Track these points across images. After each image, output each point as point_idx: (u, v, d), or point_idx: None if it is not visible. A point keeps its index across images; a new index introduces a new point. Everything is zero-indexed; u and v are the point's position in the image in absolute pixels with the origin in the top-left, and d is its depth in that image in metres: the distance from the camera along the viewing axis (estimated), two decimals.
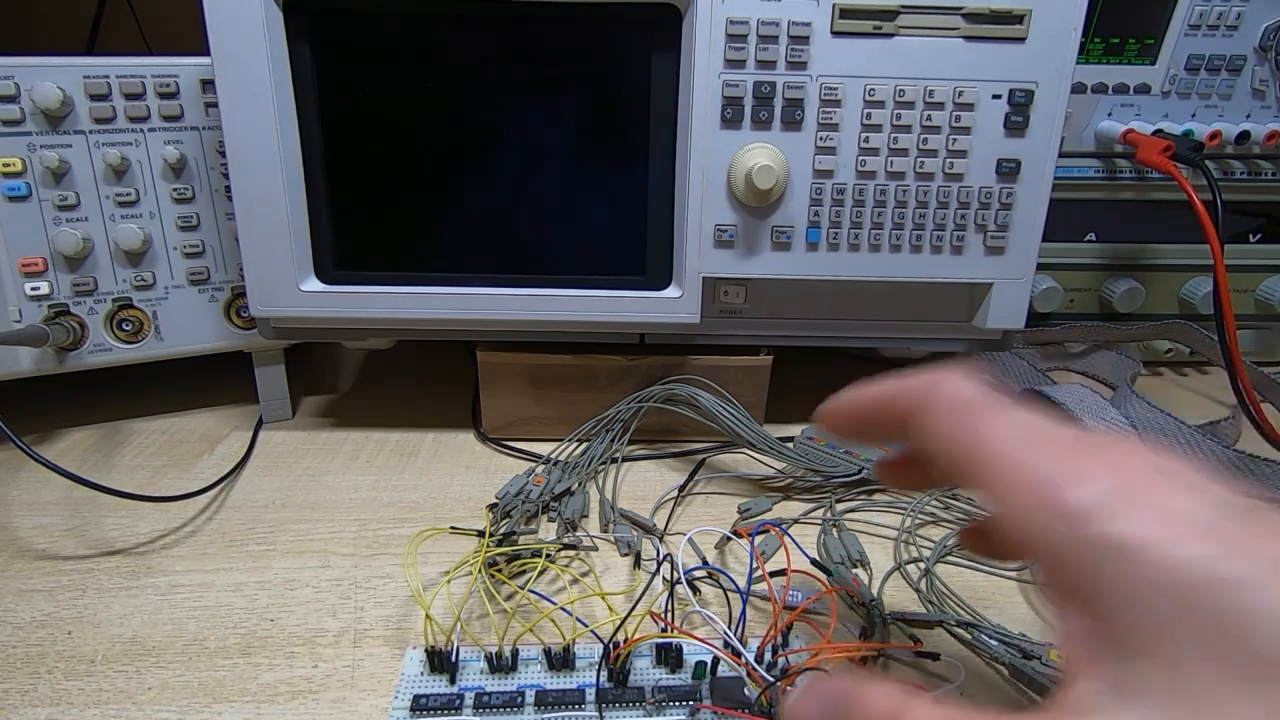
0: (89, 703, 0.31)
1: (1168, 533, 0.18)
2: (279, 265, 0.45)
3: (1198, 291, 0.60)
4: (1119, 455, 0.20)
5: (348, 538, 0.42)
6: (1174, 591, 0.17)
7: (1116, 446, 0.20)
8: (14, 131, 0.44)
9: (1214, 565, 0.17)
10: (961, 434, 0.22)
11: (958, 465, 0.22)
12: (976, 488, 0.22)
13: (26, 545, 0.41)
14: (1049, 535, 0.19)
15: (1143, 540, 0.18)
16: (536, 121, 0.44)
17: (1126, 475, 0.19)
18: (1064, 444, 0.20)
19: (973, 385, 0.23)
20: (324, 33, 0.42)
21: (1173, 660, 0.17)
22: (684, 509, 0.45)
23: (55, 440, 0.52)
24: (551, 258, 0.47)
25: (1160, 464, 0.20)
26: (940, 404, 0.23)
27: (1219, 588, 0.17)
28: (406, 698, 0.31)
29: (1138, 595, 0.18)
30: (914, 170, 0.43)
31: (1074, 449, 0.20)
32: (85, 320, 0.47)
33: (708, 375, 0.48)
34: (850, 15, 0.41)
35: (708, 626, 0.35)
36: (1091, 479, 0.19)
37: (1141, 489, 0.19)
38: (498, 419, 0.51)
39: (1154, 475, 0.19)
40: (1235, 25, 0.54)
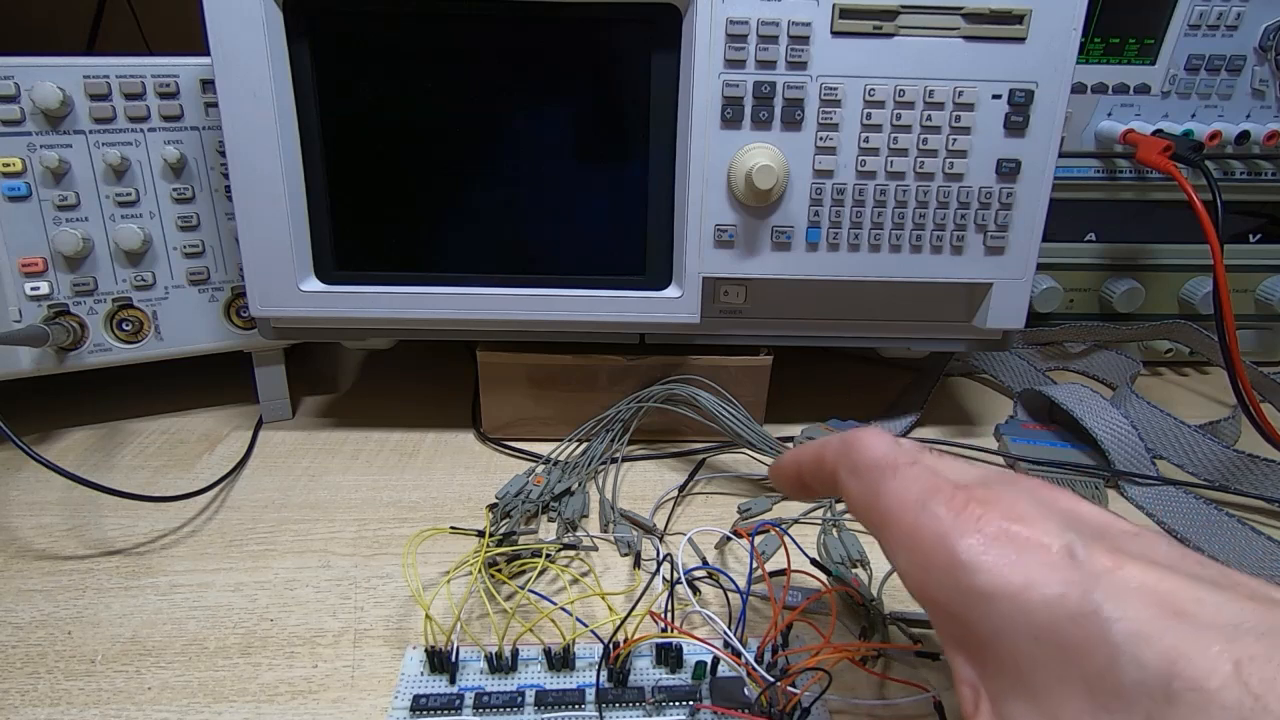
0: (89, 703, 0.31)
1: (1034, 576, 0.19)
2: (279, 265, 0.45)
3: (1198, 291, 0.60)
4: (1000, 499, 0.21)
5: (348, 538, 0.42)
6: (1041, 632, 0.18)
7: (1002, 489, 0.22)
8: (14, 131, 0.44)
9: (1072, 601, 0.18)
10: (867, 496, 0.24)
11: (867, 526, 0.24)
12: (881, 547, 0.23)
13: (26, 545, 0.41)
14: (934, 590, 0.21)
15: (1009, 586, 0.19)
16: (536, 121, 0.44)
17: (1000, 520, 0.20)
18: (949, 501, 0.21)
19: (880, 444, 0.25)
20: (324, 33, 0.42)
21: (1044, 695, 0.18)
22: (684, 509, 0.45)
23: (55, 440, 0.52)
24: (551, 258, 0.47)
25: (1041, 498, 0.22)
26: (849, 467, 0.25)
27: (1081, 621, 0.18)
28: (406, 698, 0.31)
29: (1011, 639, 0.19)
30: (914, 170, 0.43)
31: (957, 504, 0.21)
32: (85, 320, 0.47)
33: (708, 375, 0.48)
34: (850, 15, 0.41)
35: (708, 626, 0.35)
36: (965, 534, 0.20)
37: (1011, 533, 0.20)
38: (498, 419, 0.51)
39: (1030, 516, 0.20)
40: (1235, 25, 0.54)
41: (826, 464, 0.26)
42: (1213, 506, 0.43)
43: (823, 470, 0.27)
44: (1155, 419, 0.50)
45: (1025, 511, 0.20)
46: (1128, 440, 0.47)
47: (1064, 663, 0.18)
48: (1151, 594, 0.18)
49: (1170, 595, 0.18)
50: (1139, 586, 0.18)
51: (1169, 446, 0.48)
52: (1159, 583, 0.18)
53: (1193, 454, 0.47)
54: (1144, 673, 0.17)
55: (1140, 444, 0.47)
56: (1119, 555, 0.19)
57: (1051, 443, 0.50)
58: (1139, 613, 0.17)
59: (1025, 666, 0.19)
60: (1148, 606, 0.17)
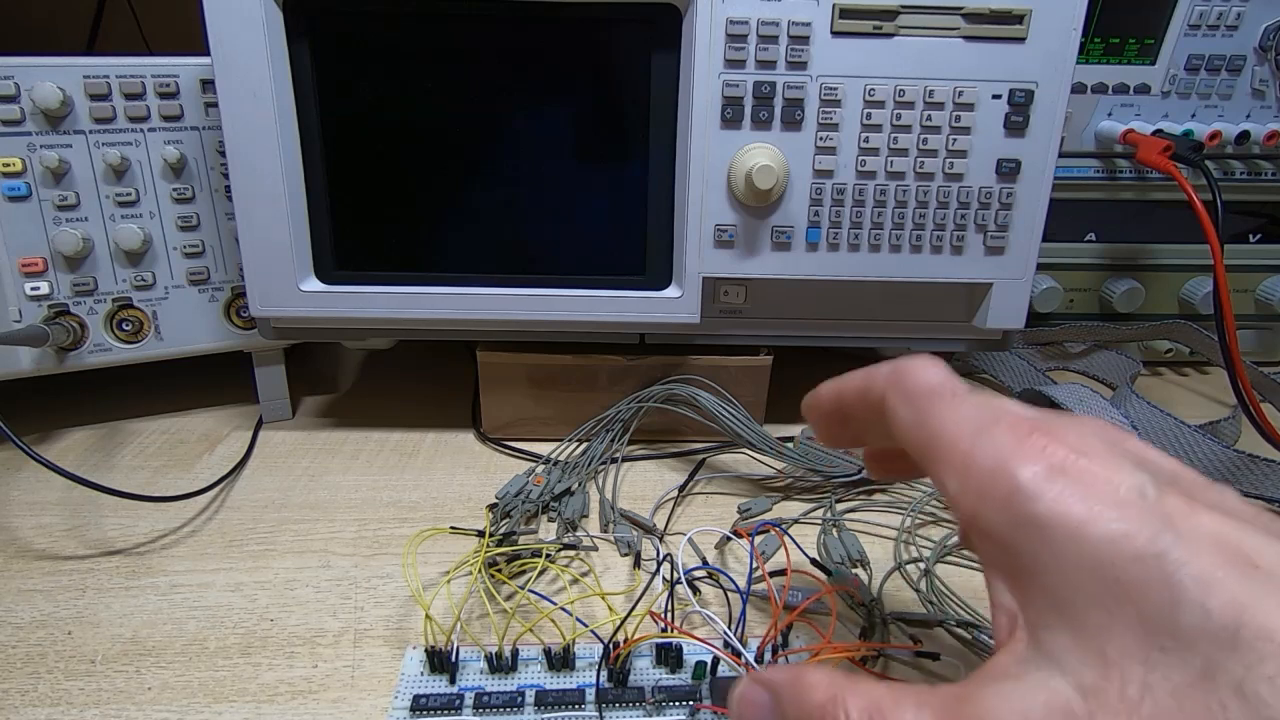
0: (89, 703, 0.31)
1: (1096, 510, 0.18)
2: (279, 265, 0.45)
3: (1198, 291, 0.60)
4: (1067, 433, 0.20)
5: (348, 538, 0.42)
6: (1099, 568, 0.18)
7: (1068, 424, 0.21)
8: (14, 131, 0.44)
9: (1139, 540, 0.17)
10: (918, 421, 0.23)
11: (916, 452, 0.23)
12: (930, 474, 0.22)
13: (26, 545, 0.41)
14: (986, 516, 0.20)
15: (1067, 518, 0.18)
16: (536, 121, 0.44)
17: (1068, 453, 0.19)
18: (1013, 428, 0.21)
19: (935, 372, 0.23)
20: (324, 33, 0.42)
21: (1092, 628, 0.18)
22: (684, 509, 0.45)
23: (55, 440, 0.52)
24: (551, 258, 0.47)
25: (1110, 438, 0.21)
26: (902, 392, 0.24)
27: (1146, 561, 0.17)
28: (406, 698, 0.31)
29: (1065, 572, 0.18)
30: (914, 170, 0.43)
31: (1021, 432, 0.20)
32: (85, 320, 0.47)
33: (708, 375, 0.48)
34: (850, 15, 0.41)
35: (708, 626, 0.35)
36: (1029, 461, 0.19)
37: (1079, 466, 0.19)
38: (498, 419, 0.51)
39: (1097, 452, 0.19)
40: (1235, 25, 0.54)
41: (874, 390, 0.25)
42: None
43: (869, 396, 0.25)
44: (1155, 419, 0.50)
45: (1094, 446, 0.20)
46: None
47: (1119, 599, 0.17)
48: (1223, 543, 0.17)
49: (1244, 547, 0.17)
50: (1210, 534, 0.17)
51: (1169, 446, 0.48)
52: (1233, 534, 0.17)
53: (1193, 454, 0.47)
54: (1208, 619, 0.16)
55: None
56: (1192, 502, 0.18)
57: None
58: (1209, 560, 0.17)
59: (1075, 599, 0.18)
60: (1218, 555, 0.17)
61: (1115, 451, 0.20)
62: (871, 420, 0.26)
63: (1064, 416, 0.21)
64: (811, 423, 0.30)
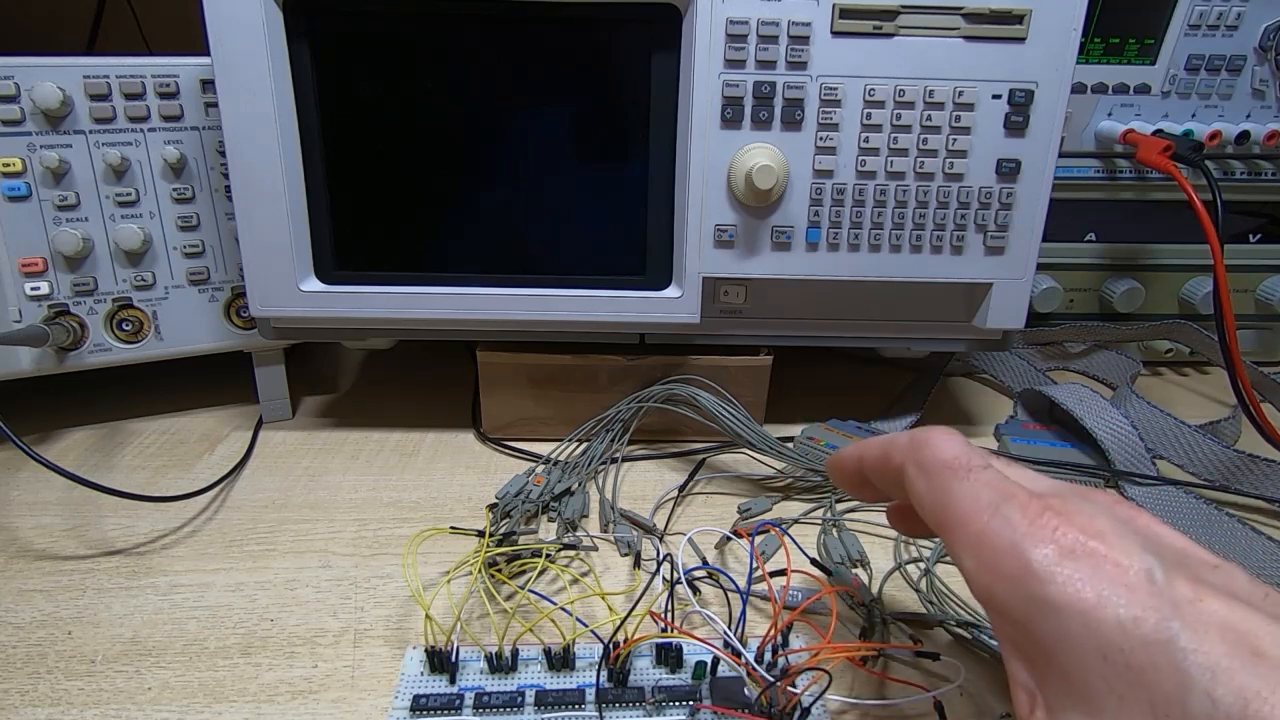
0: (89, 703, 0.31)
1: (1106, 594, 0.19)
2: (279, 265, 0.45)
3: (1198, 291, 0.60)
4: (1077, 514, 0.21)
5: (348, 538, 0.42)
6: (1110, 651, 0.18)
7: (1078, 504, 0.21)
8: (14, 131, 0.44)
9: (1147, 626, 0.18)
10: (935, 496, 0.24)
11: (932, 524, 0.24)
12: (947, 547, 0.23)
13: (26, 545, 0.41)
14: (1001, 596, 0.21)
15: (1081, 602, 0.19)
16: (536, 121, 0.44)
17: (1078, 535, 0.20)
18: (1024, 508, 0.21)
19: (951, 445, 0.24)
20: (324, 33, 0.42)
21: (1106, 712, 0.18)
22: (684, 509, 0.45)
23: (55, 440, 0.52)
24: (551, 258, 0.47)
25: (1120, 516, 0.21)
26: (919, 465, 0.24)
27: (1155, 648, 0.18)
28: (406, 698, 0.31)
29: (1077, 654, 0.19)
30: (914, 170, 0.43)
31: (1033, 512, 0.21)
32: (85, 320, 0.47)
33: (708, 375, 0.48)
34: (850, 15, 0.41)
35: (708, 626, 0.35)
36: (1040, 544, 0.20)
37: (1088, 549, 0.20)
38: (498, 419, 0.51)
39: (1107, 533, 0.20)
40: (1235, 25, 0.54)
41: (893, 460, 0.26)
42: (1213, 506, 0.43)
43: (888, 466, 0.26)
44: (1155, 419, 0.50)
45: (1104, 528, 0.20)
46: (1128, 440, 0.47)
47: (1130, 684, 0.18)
48: (1231, 630, 0.18)
49: (1250, 634, 0.17)
50: (1218, 621, 0.18)
51: (1169, 446, 0.48)
52: (1239, 620, 0.18)
53: (1193, 454, 0.47)
54: (1215, 708, 0.17)
55: (1140, 444, 0.47)
56: (1200, 586, 0.19)
57: (1051, 443, 0.50)
58: (1216, 647, 0.17)
59: (1088, 681, 0.19)
60: (1225, 642, 0.17)
61: (1124, 532, 0.20)
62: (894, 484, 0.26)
63: (1075, 495, 0.22)
64: (835, 481, 0.31)
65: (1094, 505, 0.21)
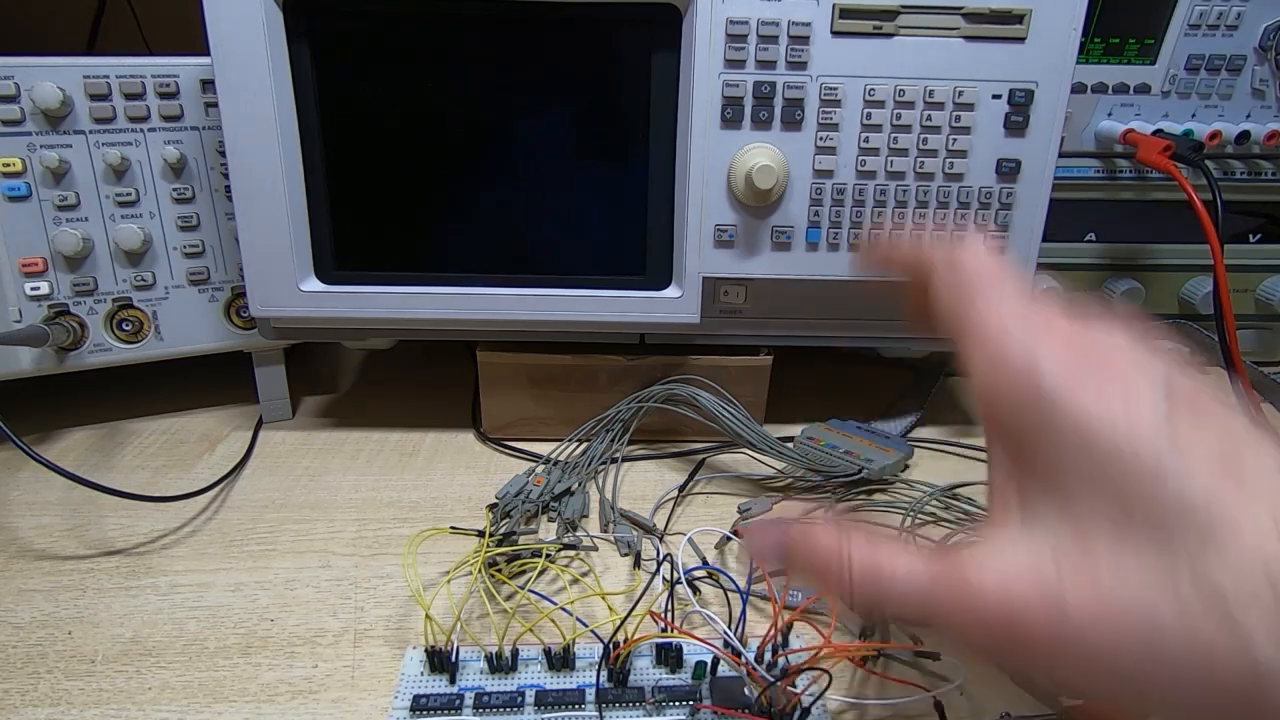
0: (89, 703, 0.31)
1: (1110, 414, 0.19)
2: (279, 265, 0.45)
3: (1198, 291, 0.60)
4: (1100, 340, 0.21)
5: (348, 538, 0.42)
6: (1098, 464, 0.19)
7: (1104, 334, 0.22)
8: (14, 131, 0.44)
9: (1141, 451, 0.18)
10: (961, 304, 0.24)
11: (951, 328, 0.24)
12: (959, 349, 0.23)
13: (26, 545, 0.41)
14: (1002, 399, 0.21)
15: (1083, 415, 0.19)
16: (536, 121, 0.44)
17: (1097, 357, 0.20)
18: (1049, 327, 0.22)
19: (987, 258, 0.24)
20: (324, 33, 0.42)
21: (1078, 507, 0.19)
22: (684, 509, 0.45)
23: (55, 440, 0.52)
24: (551, 258, 0.47)
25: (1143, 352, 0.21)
26: (952, 272, 0.25)
27: (1140, 466, 0.18)
28: (406, 698, 0.31)
29: (1065, 462, 0.19)
30: (914, 170, 0.43)
31: (1058, 331, 0.21)
32: (85, 320, 0.47)
33: (708, 375, 0.48)
34: (850, 15, 0.41)
35: (708, 626, 0.35)
36: (1057, 358, 0.20)
37: (1103, 370, 0.20)
38: (498, 419, 0.51)
39: (1124, 360, 0.20)
40: (1235, 25, 0.54)
41: (925, 262, 0.26)
42: None
43: (918, 255, 0.27)
44: None
45: (1122, 356, 0.21)
46: None
47: (1108, 492, 0.19)
48: (1218, 459, 0.18)
49: (1236, 461, 0.18)
50: (1209, 453, 0.18)
51: None
52: (1230, 451, 0.18)
53: None
54: (1181, 498, 0.17)
55: None
56: (1200, 422, 0.19)
57: None
58: (1199, 466, 0.18)
59: (1069, 485, 0.19)
60: (1210, 464, 0.18)
61: (1142, 363, 0.20)
62: (919, 270, 0.27)
63: (1103, 327, 0.22)
64: (861, 259, 0.32)
65: (1119, 335, 0.22)
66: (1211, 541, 0.17)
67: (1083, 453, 0.19)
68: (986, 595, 0.19)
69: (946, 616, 0.20)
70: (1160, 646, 0.17)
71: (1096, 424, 0.19)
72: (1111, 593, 0.18)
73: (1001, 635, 0.19)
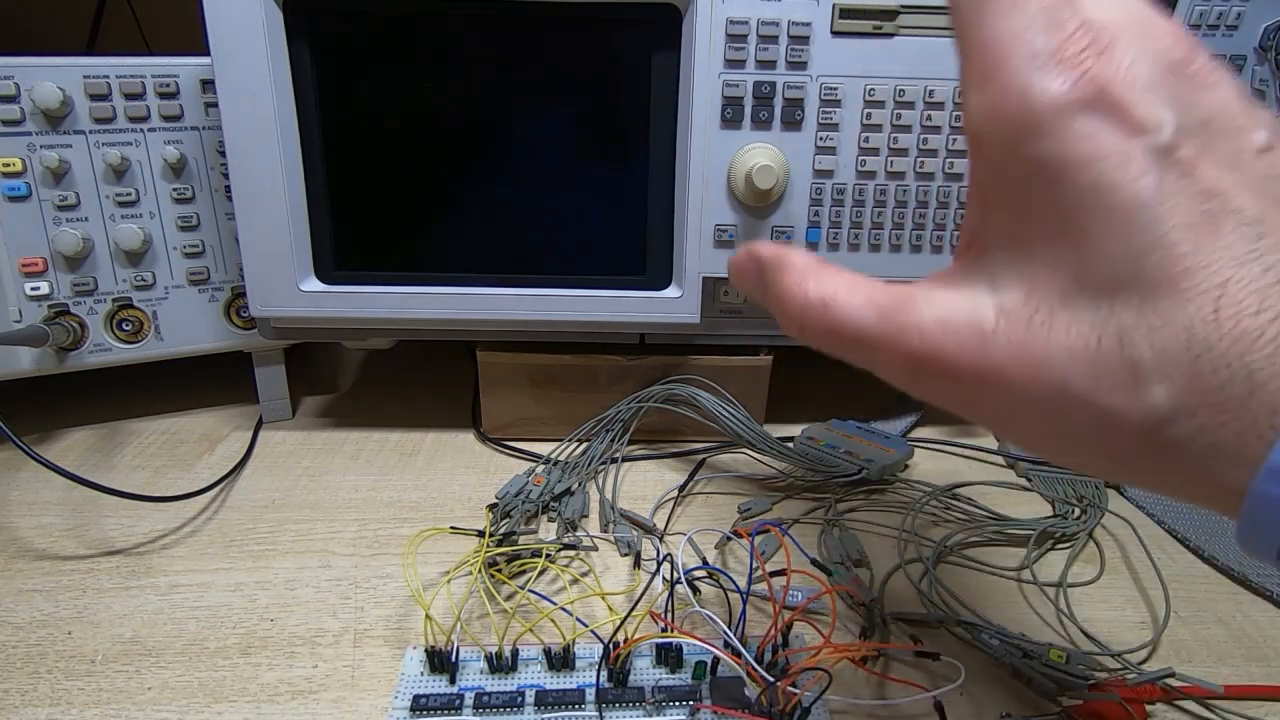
0: (89, 703, 0.31)
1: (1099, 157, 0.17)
2: (279, 265, 0.45)
3: None
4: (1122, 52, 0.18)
5: (348, 538, 0.42)
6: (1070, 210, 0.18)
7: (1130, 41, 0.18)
8: (14, 131, 0.44)
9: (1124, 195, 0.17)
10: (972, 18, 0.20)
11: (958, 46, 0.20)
12: (959, 72, 0.20)
13: (26, 545, 0.41)
14: (990, 134, 0.19)
15: (1067, 160, 0.17)
16: (536, 121, 0.44)
17: (1107, 82, 0.18)
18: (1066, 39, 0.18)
19: None
20: (324, 33, 0.42)
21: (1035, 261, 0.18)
22: (684, 509, 0.45)
23: (55, 440, 0.52)
24: (551, 258, 0.47)
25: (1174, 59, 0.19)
26: None
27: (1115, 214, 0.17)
28: (406, 698, 0.31)
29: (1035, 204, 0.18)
30: (914, 170, 0.43)
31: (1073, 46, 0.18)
32: (85, 320, 0.47)
33: (708, 375, 0.48)
34: (850, 15, 0.41)
35: (708, 626, 0.35)
36: (1058, 90, 0.18)
37: (1108, 99, 0.17)
38: (498, 419, 0.51)
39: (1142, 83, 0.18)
40: (1235, 25, 0.54)
41: None
42: None
43: None
44: None
45: (1138, 76, 0.18)
46: None
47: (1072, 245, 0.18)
48: (1208, 200, 0.16)
49: (1225, 211, 0.16)
50: (1200, 192, 0.17)
51: None
52: (1224, 193, 0.17)
53: None
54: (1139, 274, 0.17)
55: None
56: (1201, 156, 0.17)
57: None
58: (1178, 212, 0.16)
59: (1033, 234, 0.18)
60: (1193, 211, 0.16)
61: (1160, 82, 0.18)
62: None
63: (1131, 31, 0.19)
64: None
65: (1147, 46, 0.19)
66: (1148, 303, 0.16)
67: (1059, 204, 0.18)
68: (922, 331, 0.19)
69: (884, 347, 0.20)
70: (1065, 400, 0.17)
71: (1080, 173, 0.17)
72: (1036, 345, 0.18)
73: (928, 370, 0.20)
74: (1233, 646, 0.35)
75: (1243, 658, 0.34)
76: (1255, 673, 0.33)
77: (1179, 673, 0.32)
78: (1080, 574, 0.39)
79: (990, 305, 0.19)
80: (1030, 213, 0.19)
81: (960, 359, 0.19)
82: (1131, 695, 0.30)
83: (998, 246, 0.20)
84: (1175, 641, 0.35)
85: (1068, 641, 0.35)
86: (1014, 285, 0.19)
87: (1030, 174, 0.18)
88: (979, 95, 0.19)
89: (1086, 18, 0.18)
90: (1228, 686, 0.32)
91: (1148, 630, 0.36)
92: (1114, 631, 0.36)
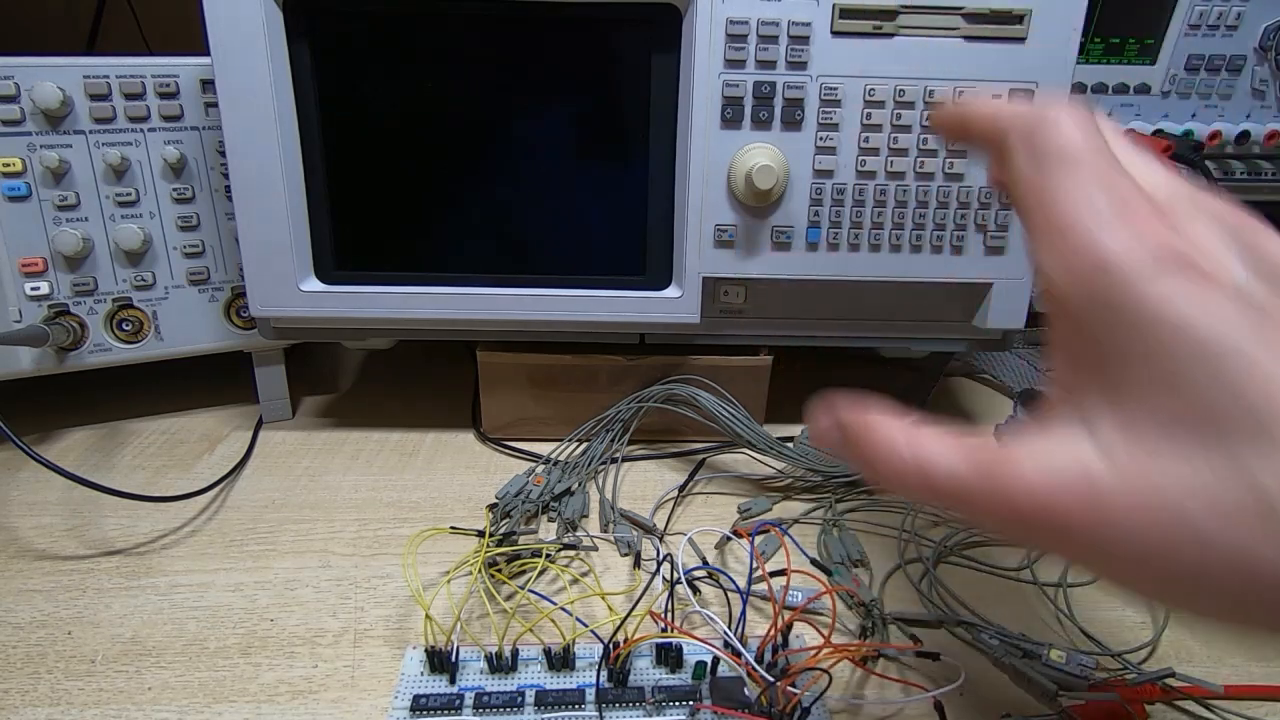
0: (89, 703, 0.31)
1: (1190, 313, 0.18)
2: (279, 265, 0.45)
3: None
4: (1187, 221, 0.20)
5: (348, 538, 0.42)
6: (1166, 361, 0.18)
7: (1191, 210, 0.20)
8: (14, 131, 0.44)
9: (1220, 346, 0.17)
10: (1037, 182, 0.21)
11: (1021, 206, 0.22)
12: (1026, 232, 0.21)
13: (26, 545, 0.41)
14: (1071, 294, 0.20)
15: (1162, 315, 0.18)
16: (536, 121, 0.44)
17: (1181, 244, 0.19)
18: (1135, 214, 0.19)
19: (1077, 134, 0.21)
20: (324, 33, 0.42)
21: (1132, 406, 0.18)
22: (684, 509, 0.45)
23: (55, 440, 0.52)
24: (551, 258, 0.47)
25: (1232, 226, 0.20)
26: (1030, 145, 0.22)
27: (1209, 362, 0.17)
28: (406, 698, 0.31)
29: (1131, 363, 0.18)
30: (914, 170, 0.43)
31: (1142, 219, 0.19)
32: (85, 320, 0.47)
33: (708, 375, 0.48)
34: (850, 15, 0.41)
35: (708, 626, 0.35)
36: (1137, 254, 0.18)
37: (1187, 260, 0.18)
38: (498, 419, 0.51)
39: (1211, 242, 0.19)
40: (1235, 25, 0.54)
41: (999, 125, 0.23)
42: None
43: (993, 128, 0.23)
44: None
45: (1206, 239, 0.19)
46: None
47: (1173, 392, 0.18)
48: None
49: None
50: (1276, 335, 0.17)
51: None
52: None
53: None
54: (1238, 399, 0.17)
55: None
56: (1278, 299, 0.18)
57: None
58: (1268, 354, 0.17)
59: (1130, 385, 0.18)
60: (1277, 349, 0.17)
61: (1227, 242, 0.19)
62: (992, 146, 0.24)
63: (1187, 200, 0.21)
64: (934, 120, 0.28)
65: (1203, 213, 0.20)
66: (1263, 435, 0.16)
67: (1156, 359, 0.18)
68: (1029, 486, 0.19)
69: (991, 507, 0.20)
70: (1193, 541, 0.17)
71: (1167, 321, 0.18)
72: (1148, 483, 0.17)
73: (1040, 525, 0.19)
74: (1233, 646, 0.35)
75: (1243, 658, 0.34)
76: (1255, 673, 0.33)
77: (1179, 673, 0.32)
78: (1080, 574, 0.39)
79: (1092, 450, 0.19)
80: (1119, 360, 0.19)
81: (1073, 510, 0.18)
82: (1131, 695, 0.30)
83: (1089, 393, 0.19)
84: (1175, 641, 0.35)
85: (1068, 641, 0.35)
86: (1112, 427, 0.19)
87: (1115, 324, 0.19)
88: (1052, 256, 0.20)
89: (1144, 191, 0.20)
90: (1228, 686, 0.32)
91: (1147, 630, 0.36)
92: (1114, 631, 0.36)
